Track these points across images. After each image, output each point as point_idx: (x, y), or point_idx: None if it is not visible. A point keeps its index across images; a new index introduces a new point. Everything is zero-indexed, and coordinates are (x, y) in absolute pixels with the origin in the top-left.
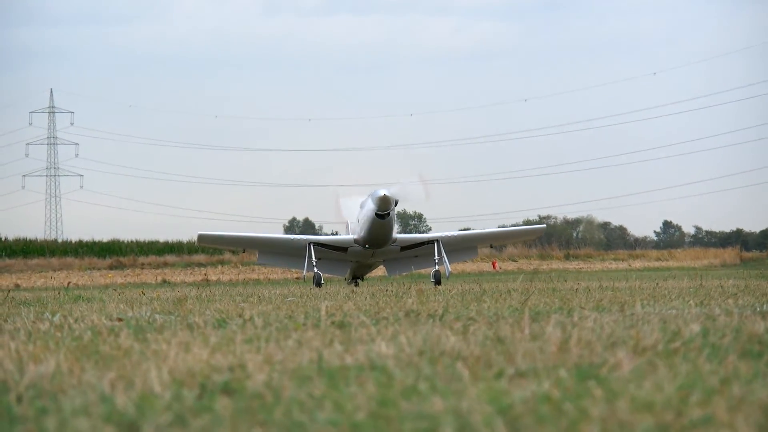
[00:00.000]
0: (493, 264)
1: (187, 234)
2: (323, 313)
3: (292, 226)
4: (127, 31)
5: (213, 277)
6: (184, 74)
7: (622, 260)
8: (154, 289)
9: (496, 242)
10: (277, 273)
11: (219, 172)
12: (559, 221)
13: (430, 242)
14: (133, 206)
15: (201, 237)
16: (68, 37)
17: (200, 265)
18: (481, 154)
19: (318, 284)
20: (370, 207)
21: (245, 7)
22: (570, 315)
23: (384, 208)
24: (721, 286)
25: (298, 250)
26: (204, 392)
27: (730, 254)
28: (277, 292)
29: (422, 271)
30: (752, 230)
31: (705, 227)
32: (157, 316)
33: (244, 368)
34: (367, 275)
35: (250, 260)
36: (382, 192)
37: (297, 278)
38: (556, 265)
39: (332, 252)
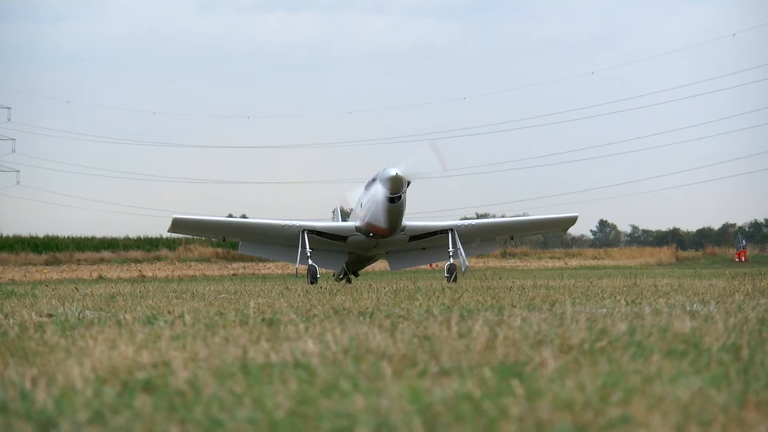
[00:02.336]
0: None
1: (124, 230)
2: (252, 310)
3: None
4: (64, 28)
5: (149, 273)
6: (122, 71)
7: (559, 258)
8: (89, 285)
9: (520, 233)
10: (213, 270)
11: (157, 169)
12: None
13: (443, 232)
14: (70, 202)
15: (176, 221)
16: (4, 33)
17: (136, 261)
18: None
19: (314, 279)
20: (379, 189)
21: (181, 5)
22: (501, 313)
23: (396, 190)
24: (655, 285)
25: (289, 239)
26: (125, 389)
27: (665, 253)
28: (212, 288)
29: (429, 266)
30: (688, 230)
31: (641, 226)
32: (87, 312)
33: (168, 365)
34: (363, 270)
35: (187, 257)
36: (393, 171)
37: (293, 272)
38: (493, 263)
39: (329, 242)
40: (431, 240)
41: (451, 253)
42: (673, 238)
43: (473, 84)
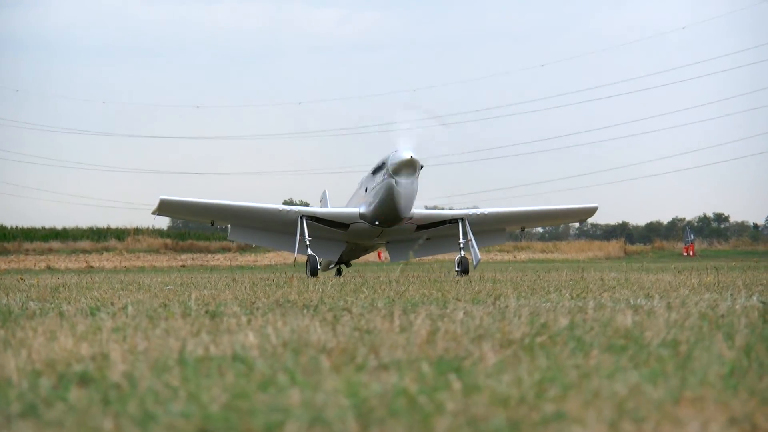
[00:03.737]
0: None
1: (73, 221)
2: (193, 302)
3: None
4: (10, 16)
5: (96, 264)
6: (69, 60)
7: (507, 252)
8: (36, 275)
9: (534, 224)
10: (162, 261)
11: (106, 159)
12: None
13: (454, 221)
14: (18, 192)
15: (163, 203)
16: None
17: (85, 251)
18: (370, 144)
19: (314, 272)
20: (390, 174)
21: None
22: (445, 307)
23: (409, 174)
24: (602, 279)
25: (286, 225)
26: (61, 382)
27: (614, 247)
28: (159, 280)
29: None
30: (637, 224)
31: (590, 220)
32: (31, 303)
33: (107, 358)
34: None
35: (135, 247)
36: (407, 154)
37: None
38: (441, 256)
39: (328, 229)
40: (438, 230)
41: (462, 245)
42: (621, 232)
43: (422, 75)
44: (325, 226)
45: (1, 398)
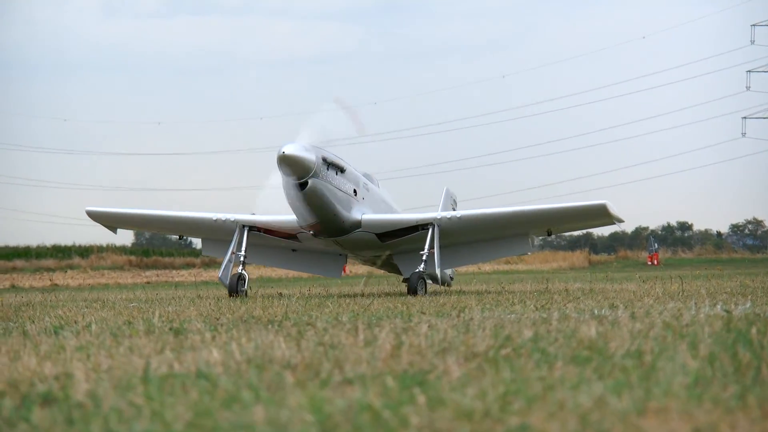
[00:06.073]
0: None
1: (36, 239)
2: (157, 319)
3: None
4: None
5: (61, 282)
6: (29, 78)
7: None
8: (0, 294)
9: (552, 225)
10: (126, 278)
11: (69, 177)
12: None
13: (424, 227)
14: None
15: (89, 213)
16: None
17: (49, 269)
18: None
19: (234, 290)
20: (280, 175)
21: (83, 10)
22: (409, 320)
23: (295, 172)
24: (566, 290)
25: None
26: (24, 402)
27: (578, 257)
28: (123, 297)
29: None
30: (601, 234)
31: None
32: None
33: (71, 377)
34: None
35: (99, 264)
36: (282, 149)
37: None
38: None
39: (280, 240)
40: (412, 239)
41: (425, 257)
42: (585, 242)
43: (379, 88)
44: (276, 237)
45: None
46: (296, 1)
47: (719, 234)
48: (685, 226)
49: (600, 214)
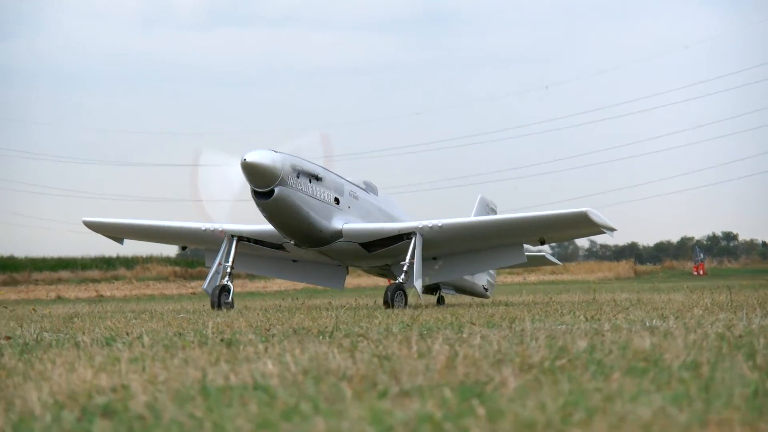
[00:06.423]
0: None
1: (80, 250)
2: (210, 330)
3: None
4: (6, 45)
5: (107, 293)
6: (70, 89)
7: (517, 274)
8: (48, 305)
9: (534, 234)
10: (172, 289)
11: (111, 188)
12: None
13: (406, 236)
14: (26, 222)
15: (86, 224)
16: None
17: (94, 280)
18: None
19: (216, 303)
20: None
21: (123, 23)
22: (460, 331)
23: (257, 181)
24: (614, 300)
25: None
26: (84, 414)
27: (624, 267)
28: (170, 308)
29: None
30: (646, 244)
31: (599, 241)
32: (45, 333)
33: (128, 389)
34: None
35: (144, 276)
36: (244, 156)
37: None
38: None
39: (267, 250)
40: (399, 249)
41: (405, 267)
42: (631, 252)
43: (423, 99)
44: (261, 246)
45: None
46: (336, 12)
47: (765, 244)
48: (730, 236)
49: (584, 223)
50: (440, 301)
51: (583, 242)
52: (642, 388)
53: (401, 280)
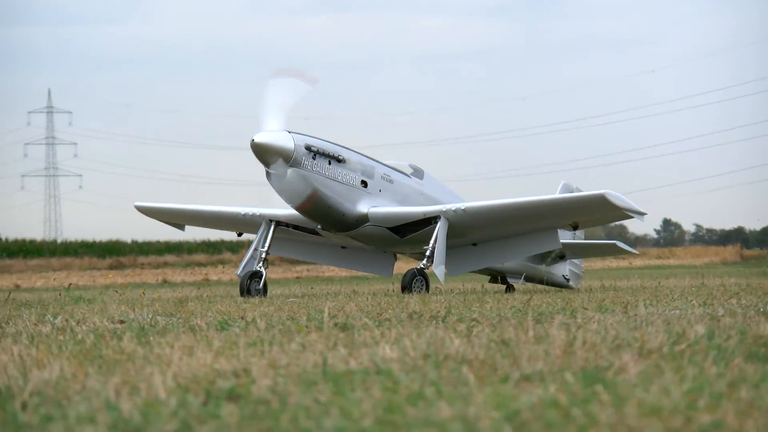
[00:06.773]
0: None
1: (187, 234)
2: (326, 315)
3: None
4: (116, 30)
5: (213, 277)
6: (175, 74)
7: (623, 258)
8: (155, 289)
9: (572, 218)
10: (278, 273)
11: (218, 172)
12: None
13: (433, 220)
14: (132, 206)
15: (138, 208)
16: (64, 36)
17: (200, 264)
18: (483, 151)
19: (245, 289)
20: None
21: (231, 5)
22: (573, 316)
23: (267, 162)
24: (723, 285)
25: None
26: (209, 398)
27: (730, 252)
28: (278, 292)
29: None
30: (753, 228)
31: (705, 225)
32: (158, 318)
33: (249, 373)
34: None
35: None
36: (253, 137)
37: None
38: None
39: (306, 235)
40: (425, 232)
41: (427, 254)
42: (737, 236)
43: (530, 83)
44: (301, 231)
45: (155, 417)
46: None
47: None
48: None
49: (603, 206)
50: (509, 289)
51: (689, 227)
52: (765, 374)
53: (422, 265)
